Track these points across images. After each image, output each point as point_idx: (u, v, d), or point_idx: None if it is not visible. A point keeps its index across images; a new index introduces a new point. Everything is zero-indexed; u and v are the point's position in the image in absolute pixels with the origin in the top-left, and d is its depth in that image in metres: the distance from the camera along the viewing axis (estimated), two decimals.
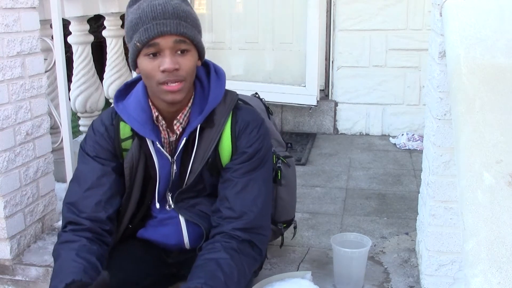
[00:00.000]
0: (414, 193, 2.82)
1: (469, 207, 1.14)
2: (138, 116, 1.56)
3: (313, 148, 3.83)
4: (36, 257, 2.20)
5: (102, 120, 1.65)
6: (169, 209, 1.69)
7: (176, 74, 1.46)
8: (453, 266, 1.87)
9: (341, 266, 1.95)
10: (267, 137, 1.66)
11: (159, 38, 1.43)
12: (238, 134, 1.60)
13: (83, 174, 1.61)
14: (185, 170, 1.62)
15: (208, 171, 1.63)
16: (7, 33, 2.09)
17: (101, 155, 1.61)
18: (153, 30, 1.42)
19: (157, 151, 1.60)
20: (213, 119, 1.58)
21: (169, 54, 1.44)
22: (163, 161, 1.62)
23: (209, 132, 1.58)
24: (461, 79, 1.39)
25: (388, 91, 4.08)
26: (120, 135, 1.62)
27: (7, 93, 2.10)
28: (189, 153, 1.60)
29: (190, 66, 1.48)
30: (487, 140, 1.23)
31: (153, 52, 1.45)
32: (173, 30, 1.43)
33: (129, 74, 3.90)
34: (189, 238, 1.70)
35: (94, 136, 1.63)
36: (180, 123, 1.59)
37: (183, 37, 1.45)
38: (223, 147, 1.61)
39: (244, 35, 4.33)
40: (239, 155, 1.60)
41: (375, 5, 3.98)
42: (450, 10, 1.60)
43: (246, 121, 1.61)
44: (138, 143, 1.60)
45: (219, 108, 1.59)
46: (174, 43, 1.44)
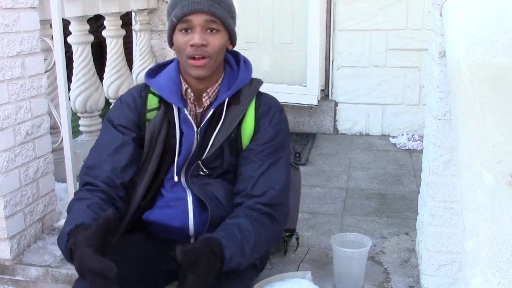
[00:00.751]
0: (414, 193, 2.82)
1: (469, 207, 1.14)
2: (169, 87, 1.67)
3: (313, 148, 3.83)
4: (36, 257, 2.20)
5: (131, 92, 1.75)
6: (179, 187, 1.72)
7: (203, 49, 1.57)
8: (453, 266, 1.87)
9: (341, 266, 1.95)
10: (286, 123, 1.76)
11: (192, 15, 1.56)
12: (262, 115, 1.70)
13: (104, 142, 1.70)
14: (207, 142, 1.68)
15: (229, 148, 1.70)
16: (7, 33, 2.09)
17: (124, 123, 1.69)
18: (187, 7, 1.56)
19: (182, 121, 1.67)
20: (239, 97, 1.68)
21: (199, 30, 1.57)
22: (188, 130, 1.68)
23: (234, 108, 1.68)
24: (461, 79, 1.39)
25: (388, 91, 4.08)
26: (147, 105, 1.70)
27: (7, 93, 2.10)
28: (214, 126, 1.67)
29: (218, 44, 1.59)
30: (487, 140, 1.23)
31: (185, 28, 1.58)
32: (205, 8, 1.55)
33: (129, 74, 3.90)
34: (194, 221, 1.70)
35: (120, 106, 1.72)
36: (209, 96, 1.68)
37: (214, 16, 1.57)
38: (246, 126, 1.70)
39: (244, 35, 4.33)
40: (261, 135, 1.68)
41: (375, 5, 3.98)
42: (450, 10, 1.60)
43: (269, 104, 1.72)
44: (163, 112, 1.68)
45: (245, 89, 1.70)
46: (205, 22, 1.57)
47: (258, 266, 1.78)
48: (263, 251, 1.65)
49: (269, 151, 1.68)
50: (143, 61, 4.14)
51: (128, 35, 4.47)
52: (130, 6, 3.78)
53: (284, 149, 1.71)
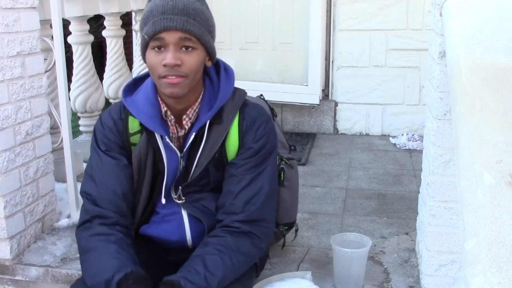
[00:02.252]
0: (414, 193, 2.82)
1: (469, 207, 1.14)
2: (147, 110, 1.58)
3: (313, 148, 3.83)
4: (36, 257, 2.20)
5: (111, 114, 1.66)
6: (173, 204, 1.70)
7: (177, 70, 1.47)
8: (453, 266, 1.87)
9: (341, 266, 1.95)
10: (273, 134, 1.68)
11: (165, 32, 1.45)
12: (245, 130, 1.62)
13: (98, 169, 1.63)
14: (191, 164, 1.63)
15: (214, 167, 1.65)
16: (7, 33, 2.09)
17: (112, 149, 1.63)
18: (159, 24, 1.45)
19: (165, 146, 1.61)
20: (222, 115, 1.60)
21: (172, 49, 1.46)
22: (171, 155, 1.63)
23: (217, 128, 1.60)
24: (461, 79, 1.39)
25: (388, 91, 4.08)
26: (129, 129, 1.64)
27: (7, 93, 2.10)
28: (197, 148, 1.61)
29: (194, 63, 1.49)
30: (487, 140, 1.23)
31: (158, 46, 1.47)
32: (179, 26, 1.45)
33: (129, 74, 3.90)
34: (191, 234, 1.70)
35: (103, 130, 1.65)
36: (189, 118, 1.60)
37: (188, 34, 1.46)
38: (230, 143, 1.63)
39: (244, 35, 4.33)
40: (244, 150, 1.62)
41: (375, 5, 3.98)
42: (450, 10, 1.60)
43: (253, 117, 1.63)
44: (146, 138, 1.62)
45: (228, 105, 1.61)
46: (179, 39, 1.46)
47: (258, 265, 1.78)
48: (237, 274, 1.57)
49: (251, 165, 1.61)
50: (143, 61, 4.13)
51: (128, 35, 4.47)
52: (130, 6, 3.78)
53: (268, 162, 1.64)
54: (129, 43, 4.93)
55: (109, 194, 1.59)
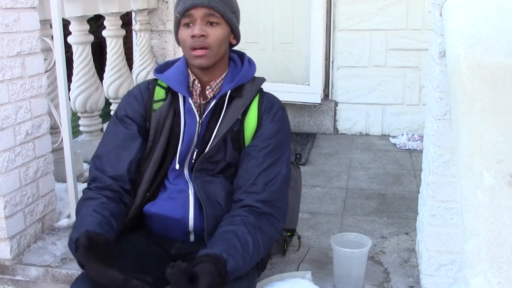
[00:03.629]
0: (414, 193, 2.81)
1: (469, 207, 1.14)
2: (176, 78, 1.74)
3: (313, 148, 3.83)
4: (36, 257, 2.20)
5: (139, 86, 1.83)
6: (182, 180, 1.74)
7: (203, 40, 1.65)
8: (453, 266, 1.87)
9: (341, 266, 1.95)
10: (288, 122, 1.81)
11: (192, 9, 1.65)
12: (264, 111, 1.75)
13: (111, 134, 1.76)
14: (210, 134, 1.72)
15: (231, 141, 1.73)
16: (7, 33, 2.08)
17: (130, 114, 1.75)
18: (188, 2, 1.65)
19: (186, 110, 1.72)
20: (242, 91, 1.74)
21: (199, 23, 1.65)
22: (190, 120, 1.72)
23: (236, 101, 1.73)
24: (461, 79, 1.39)
25: (388, 91, 4.08)
26: (154, 97, 1.77)
27: (7, 93, 2.10)
28: (216, 118, 1.72)
29: (218, 36, 1.67)
30: (487, 140, 1.23)
31: (187, 22, 1.67)
32: (204, 2, 1.64)
33: (129, 74, 3.90)
34: (194, 214, 1.71)
35: (127, 98, 1.79)
36: (212, 89, 1.74)
37: (212, 10, 1.65)
38: (248, 121, 1.74)
39: (244, 35, 4.32)
40: (263, 131, 1.72)
41: (375, 5, 3.98)
42: (450, 10, 1.60)
43: (271, 102, 1.78)
44: (169, 101, 1.74)
45: (248, 85, 1.76)
46: (204, 15, 1.65)
47: (260, 264, 1.78)
48: (261, 256, 1.65)
49: (271, 148, 1.71)
50: (143, 61, 4.14)
51: (128, 35, 4.47)
52: (130, 6, 3.78)
53: (285, 148, 1.75)
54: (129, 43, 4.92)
55: (113, 158, 1.71)
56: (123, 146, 1.73)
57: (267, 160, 1.70)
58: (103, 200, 1.64)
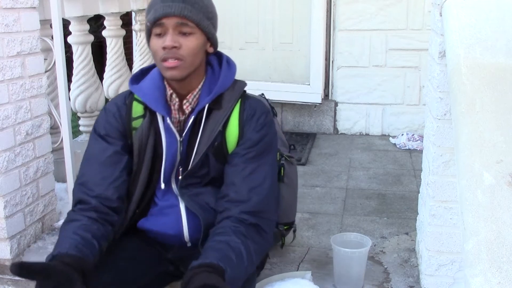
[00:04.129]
0: (414, 193, 2.81)
1: (469, 207, 1.14)
2: (153, 93, 1.64)
3: (313, 148, 3.83)
4: (36, 257, 2.19)
5: (115, 101, 1.72)
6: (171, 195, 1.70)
7: (175, 52, 1.54)
8: (453, 266, 1.87)
9: (341, 266, 1.95)
10: (273, 126, 1.71)
11: (164, 18, 1.53)
12: (246, 119, 1.65)
13: (94, 154, 1.67)
14: (191, 151, 1.65)
15: (214, 156, 1.66)
16: (7, 33, 2.08)
17: (111, 134, 1.66)
18: (159, 11, 1.53)
19: (166, 129, 1.64)
20: (221, 102, 1.65)
21: (171, 33, 1.54)
22: (171, 139, 1.65)
23: (216, 114, 1.64)
24: (461, 79, 1.39)
25: (388, 91, 4.08)
26: (132, 113, 1.68)
27: (7, 93, 2.10)
28: (196, 133, 1.64)
29: (191, 47, 1.56)
30: (487, 140, 1.23)
31: (159, 32, 1.55)
32: (176, 11, 1.52)
33: (129, 74, 3.90)
34: (188, 228, 1.70)
35: (105, 116, 1.69)
36: (189, 103, 1.64)
37: (185, 19, 1.53)
38: (230, 133, 1.65)
39: (244, 35, 4.33)
40: (246, 140, 1.64)
41: (375, 5, 3.98)
42: (450, 10, 1.60)
43: (253, 108, 1.67)
44: (148, 120, 1.65)
45: (228, 93, 1.66)
46: (177, 24, 1.53)
47: (258, 265, 1.78)
48: (254, 266, 1.58)
49: (253, 154, 1.63)
50: (143, 61, 4.14)
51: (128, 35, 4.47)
52: (130, 6, 3.78)
53: (269, 153, 1.67)
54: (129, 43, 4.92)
55: (97, 178, 1.62)
56: (107, 164, 1.64)
57: (249, 166, 1.62)
58: (84, 221, 1.56)
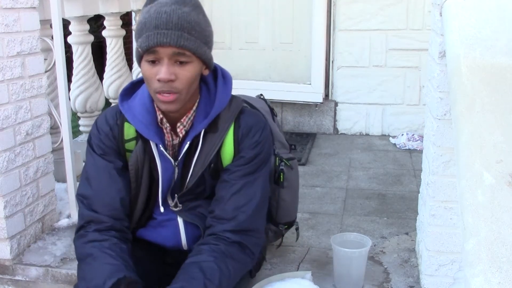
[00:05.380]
0: (414, 193, 2.81)
1: (469, 207, 1.14)
2: (143, 117, 1.57)
3: (313, 148, 3.83)
4: (36, 257, 2.19)
5: (107, 119, 1.65)
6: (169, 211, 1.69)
7: (171, 85, 1.45)
8: (453, 266, 1.87)
9: (341, 266, 1.95)
10: (269, 141, 1.67)
11: (159, 47, 1.43)
12: (241, 138, 1.60)
13: (94, 172, 1.62)
14: (187, 173, 1.62)
15: (210, 175, 1.64)
16: (7, 33, 2.08)
17: (108, 154, 1.63)
18: (153, 39, 1.42)
19: (160, 154, 1.60)
20: (217, 124, 1.58)
21: (166, 63, 1.44)
22: (166, 164, 1.62)
23: (212, 137, 1.59)
24: (461, 79, 1.39)
25: (388, 91, 4.08)
26: (124, 135, 1.63)
27: (7, 93, 2.10)
28: (191, 156, 1.60)
29: (188, 77, 1.47)
30: (487, 140, 1.23)
31: (152, 60, 1.45)
32: (172, 42, 1.42)
33: (129, 74, 3.90)
34: (187, 239, 1.71)
35: (98, 135, 1.64)
36: (183, 126, 1.59)
37: (182, 49, 1.43)
38: (225, 152, 1.62)
39: (244, 35, 4.33)
40: (239, 157, 1.61)
41: (375, 5, 3.98)
42: (450, 10, 1.60)
43: (249, 125, 1.61)
44: (142, 146, 1.60)
45: (224, 113, 1.59)
46: (173, 54, 1.44)
47: (252, 270, 1.78)
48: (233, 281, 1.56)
49: (244, 172, 1.60)
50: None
51: (128, 35, 4.47)
52: (130, 6, 3.78)
53: (261, 171, 1.63)
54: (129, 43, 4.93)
55: (105, 197, 1.59)
56: (111, 182, 1.60)
57: (238, 183, 1.58)
58: (114, 241, 1.53)
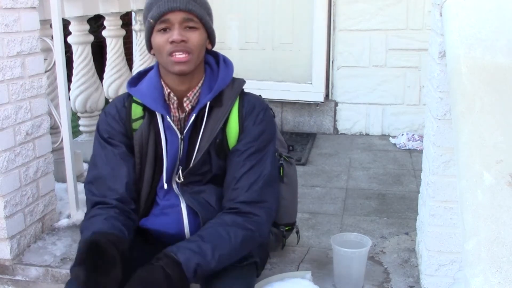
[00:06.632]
0: (414, 193, 2.81)
1: (469, 207, 1.14)
2: (151, 93, 1.65)
3: (313, 148, 3.83)
4: (36, 257, 2.19)
5: (115, 103, 1.73)
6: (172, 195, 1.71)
7: (184, 45, 1.56)
8: (453, 266, 1.87)
9: (341, 266, 1.95)
10: (272, 122, 1.74)
11: (169, 13, 1.55)
12: (245, 115, 1.68)
13: (102, 158, 1.68)
14: (193, 148, 1.67)
15: (215, 152, 1.68)
16: (7, 33, 2.08)
17: (115, 137, 1.68)
18: (164, 6, 1.55)
19: (166, 128, 1.66)
20: (222, 99, 1.66)
21: (178, 27, 1.56)
22: (172, 137, 1.66)
23: (217, 111, 1.66)
24: (461, 79, 1.39)
25: (388, 91, 4.08)
26: (132, 115, 1.69)
27: (7, 93, 2.10)
28: (197, 130, 1.65)
29: (198, 40, 1.58)
30: (487, 140, 1.23)
31: (163, 28, 1.57)
32: (182, 6, 1.54)
33: (129, 74, 3.90)
34: (189, 227, 1.70)
35: (105, 118, 1.71)
36: (190, 101, 1.66)
37: (191, 14, 1.56)
38: (230, 129, 1.67)
39: (244, 35, 4.33)
40: (245, 135, 1.67)
41: (375, 5, 3.98)
42: (450, 10, 1.60)
43: (252, 103, 1.70)
44: (148, 121, 1.67)
45: (227, 90, 1.68)
46: (183, 19, 1.56)
47: (258, 264, 1.78)
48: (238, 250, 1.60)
49: (253, 150, 1.66)
50: (143, 61, 4.14)
51: (128, 35, 4.48)
52: (130, 6, 3.79)
53: (268, 148, 1.69)
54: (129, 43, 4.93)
55: (111, 182, 1.65)
56: (117, 168, 1.66)
57: (248, 162, 1.65)
58: (111, 213, 1.59)
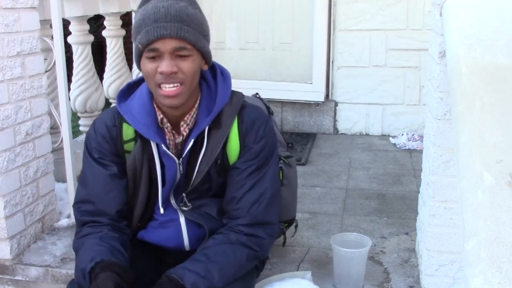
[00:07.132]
0: (414, 193, 2.81)
1: (469, 207, 1.14)
2: (143, 118, 1.55)
3: (313, 148, 3.82)
4: (36, 257, 2.20)
5: (104, 120, 1.63)
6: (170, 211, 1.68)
7: (174, 76, 1.44)
8: (453, 266, 1.87)
9: (341, 266, 1.95)
10: (273, 134, 1.67)
11: (159, 41, 1.42)
12: (246, 132, 1.60)
13: (92, 178, 1.62)
14: (192, 171, 1.61)
15: (216, 172, 1.63)
16: (7, 33, 2.08)
17: (106, 157, 1.61)
18: (153, 33, 1.41)
19: (162, 154, 1.59)
20: (220, 120, 1.58)
21: (168, 57, 1.43)
22: (169, 162, 1.60)
23: (216, 133, 1.58)
24: (461, 79, 1.39)
25: (388, 91, 4.08)
26: (123, 136, 1.61)
27: (7, 93, 2.10)
28: (196, 154, 1.58)
29: (190, 69, 1.46)
30: (487, 140, 1.23)
31: (152, 56, 1.45)
32: (173, 33, 1.41)
33: (129, 74, 3.90)
34: (189, 240, 1.69)
35: (96, 137, 1.62)
36: (187, 125, 1.58)
37: (184, 41, 1.43)
38: (231, 147, 1.61)
39: (244, 35, 4.33)
40: (245, 152, 1.60)
41: (375, 5, 3.98)
42: (450, 10, 1.60)
43: (252, 119, 1.61)
44: (141, 146, 1.59)
45: (226, 109, 1.59)
46: (174, 49, 1.43)
47: (258, 265, 1.78)
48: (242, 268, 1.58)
49: (253, 169, 1.60)
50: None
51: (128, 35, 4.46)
52: (130, 6, 3.78)
53: (269, 164, 1.63)
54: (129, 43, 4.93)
55: (101, 206, 1.60)
56: (107, 188, 1.60)
57: (249, 181, 1.59)
58: (105, 231, 1.55)
